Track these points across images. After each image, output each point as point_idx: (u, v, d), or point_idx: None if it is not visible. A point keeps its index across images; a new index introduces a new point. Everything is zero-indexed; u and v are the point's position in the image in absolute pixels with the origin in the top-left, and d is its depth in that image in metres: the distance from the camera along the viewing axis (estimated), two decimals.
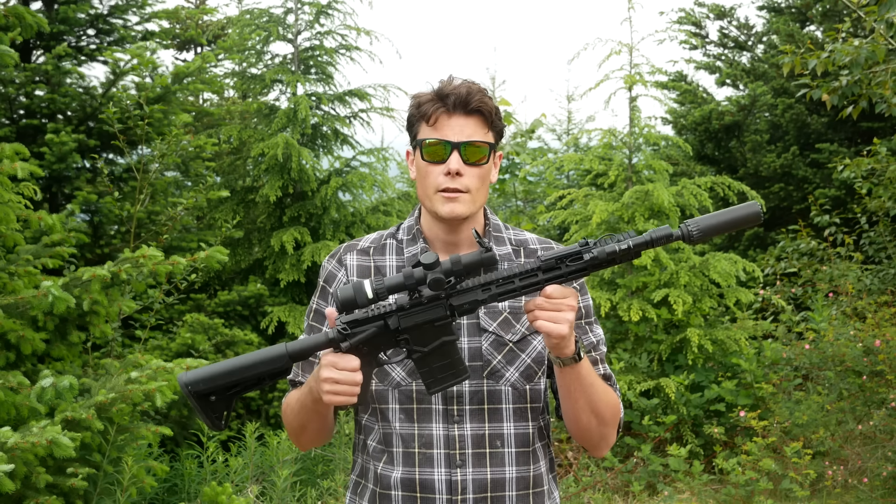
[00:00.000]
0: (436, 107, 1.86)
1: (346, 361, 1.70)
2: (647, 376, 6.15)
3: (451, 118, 1.85)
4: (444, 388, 1.77)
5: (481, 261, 1.70)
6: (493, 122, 1.89)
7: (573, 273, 1.72)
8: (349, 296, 1.68)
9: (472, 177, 1.86)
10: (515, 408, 1.88)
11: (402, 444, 1.86)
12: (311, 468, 5.57)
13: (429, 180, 1.87)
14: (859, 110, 5.64)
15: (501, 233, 1.98)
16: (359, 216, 7.04)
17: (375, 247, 1.98)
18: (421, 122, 1.89)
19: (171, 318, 6.41)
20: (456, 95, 1.85)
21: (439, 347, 1.75)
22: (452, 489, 1.84)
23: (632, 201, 6.30)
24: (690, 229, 1.70)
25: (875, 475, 5.33)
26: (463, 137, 1.85)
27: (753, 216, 1.72)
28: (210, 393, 1.72)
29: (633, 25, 6.67)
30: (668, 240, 1.70)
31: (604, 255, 1.70)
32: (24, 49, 6.63)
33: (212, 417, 1.74)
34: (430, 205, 1.88)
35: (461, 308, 1.74)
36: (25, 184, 4.35)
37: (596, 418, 1.86)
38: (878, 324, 5.98)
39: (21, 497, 3.55)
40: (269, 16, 7.29)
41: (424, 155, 1.87)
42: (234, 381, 1.72)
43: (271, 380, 1.74)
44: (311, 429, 1.91)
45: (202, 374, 1.71)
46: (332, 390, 1.70)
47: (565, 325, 1.68)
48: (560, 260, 1.72)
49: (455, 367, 1.76)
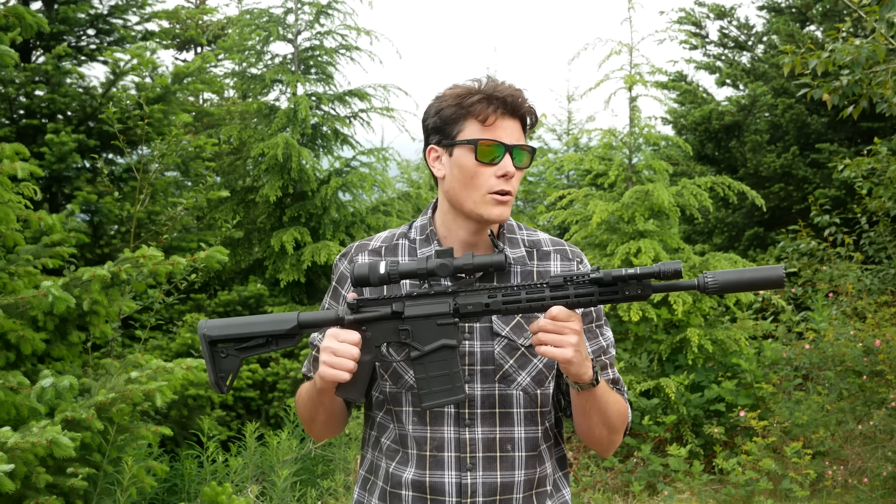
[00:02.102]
0: (492, 107, 1.82)
1: (347, 334, 1.75)
2: (647, 376, 6.15)
3: (505, 120, 1.83)
4: (438, 405, 1.78)
5: (492, 262, 1.73)
6: (532, 128, 1.90)
7: (579, 296, 1.72)
8: (363, 272, 1.75)
9: (517, 180, 1.86)
10: (526, 412, 1.88)
11: (415, 447, 1.87)
12: (311, 468, 5.56)
13: (479, 181, 1.83)
14: (860, 110, 5.64)
15: (515, 234, 1.96)
16: (359, 216, 7.04)
17: (387, 246, 1.97)
18: (467, 120, 1.84)
19: (171, 318, 6.41)
20: (512, 98, 1.83)
21: (438, 351, 1.76)
22: (462, 492, 1.84)
23: (632, 201, 6.30)
24: (707, 281, 1.67)
25: (875, 475, 5.33)
26: (513, 140, 1.83)
27: (776, 280, 1.67)
28: (223, 341, 1.80)
29: (633, 25, 6.67)
30: (677, 276, 1.67)
31: (609, 277, 1.69)
32: (24, 49, 6.63)
33: (217, 373, 1.81)
34: (474, 207, 1.84)
35: (465, 308, 1.75)
36: (25, 184, 4.35)
37: (608, 430, 1.88)
38: (878, 324, 5.98)
39: (21, 497, 3.55)
40: (269, 16, 7.29)
41: (479, 155, 1.82)
42: (246, 335, 1.80)
43: (278, 344, 1.81)
44: (319, 420, 1.95)
45: (219, 322, 1.81)
46: (329, 361, 1.73)
47: (569, 349, 1.68)
48: (567, 280, 1.73)
49: (452, 382, 1.76)
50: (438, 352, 1.76)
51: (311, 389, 1.87)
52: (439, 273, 1.73)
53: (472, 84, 1.86)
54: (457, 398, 1.77)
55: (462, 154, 1.84)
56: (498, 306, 1.74)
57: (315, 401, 1.88)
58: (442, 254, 1.74)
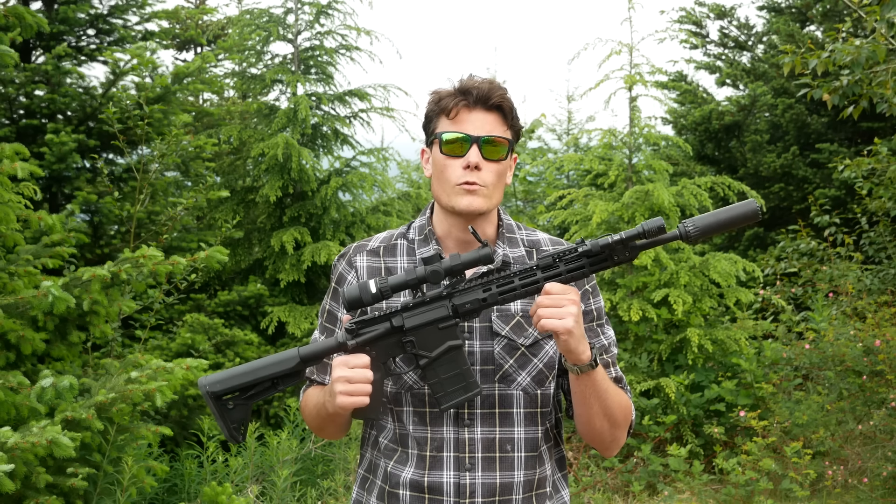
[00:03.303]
0: (457, 100, 1.84)
1: (356, 359, 1.74)
2: (647, 376, 6.15)
3: (472, 112, 1.84)
4: (456, 404, 1.78)
5: (479, 257, 1.72)
6: (512, 120, 1.88)
7: (571, 271, 1.73)
8: (355, 295, 1.73)
9: (490, 172, 1.84)
10: (526, 412, 1.88)
11: (416, 447, 1.87)
12: (311, 468, 5.56)
13: (447, 174, 1.85)
14: (860, 110, 5.64)
15: (514, 233, 1.96)
16: (359, 216, 7.04)
17: (386, 246, 1.97)
18: (440, 117, 1.87)
19: (171, 318, 6.41)
20: (478, 90, 1.84)
21: (446, 354, 1.76)
22: (461, 492, 1.84)
23: (632, 201, 6.30)
24: (688, 229, 1.70)
25: (875, 475, 5.33)
26: (483, 132, 1.83)
27: (751, 213, 1.72)
28: (227, 394, 1.77)
29: (633, 25, 6.67)
30: (660, 231, 1.69)
31: (597, 246, 1.71)
32: (24, 49, 6.63)
33: (230, 426, 1.78)
34: (448, 200, 1.86)
35: (463, 307, 1.75)
36: (25, 184, 4.35)
37: (609, 422, 1.86)
38: (878, 324, 5.98)
39: (21, 497, 3.54)
40: (269, 16, 7.29)
41: (443, 148, 1.84)
42: (250, 383, 1.77)
43: (285, 384, 1.79)
44: (329, 430, 1.96)
45: (219, 376, 1.78)
46: (345, 390, 1.72)
47: (569, 318, 1.68)
48: (556, 258, 1.74)
49: (465, 379, 1.77)
50: (446, 354, 1.76)
51: (322, 408, 1.86)
52: (431, 280, 1.73)
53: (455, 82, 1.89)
54: (474, 393, 1.77)
55: (435, 149, 1.87)
56: (495, 298, 1.74)
57: (325, 418, 1.88)
58: (429, 260, 1.73)
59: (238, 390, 1.77)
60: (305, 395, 1.99)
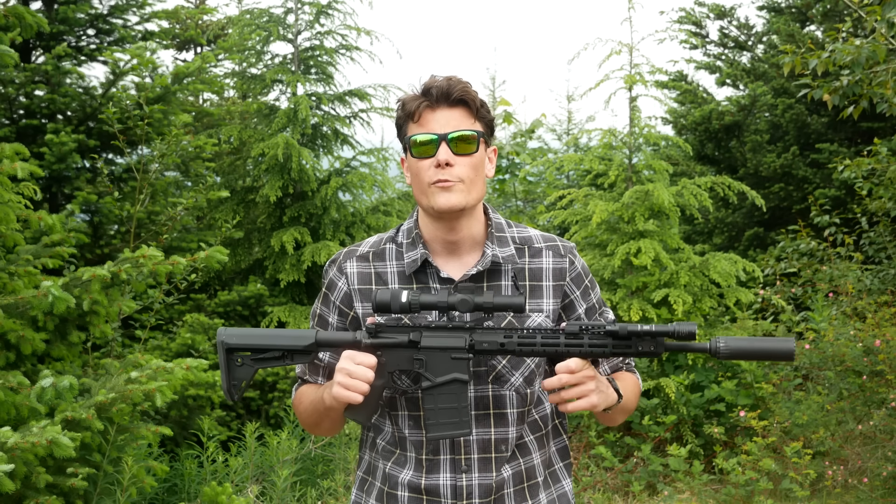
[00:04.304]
0: (418, 103, 1.84)
1: (363, 357, 1.76)
2: (647, 376, 6.15)
3: (436, 112, 1.84)
4: (443, 437, 1.79)
5: (512, 304, 1.74)
6: (479, 112, 1.87)
7: (593, 346, 1.75)
8: (385, 299, 1.76)
9: (464, 167, 1.84)
10: (518, 412, 1.90)
11: (413, 450, 1.88)
12: (311, 468, 5.56)
13: (421, 176, 1.85)
14: (860, 110, 5.63)
15: (504, 232, 1.95)
16: (359, 216, 7.04)
17: (375, 252, 1.96)
18: (408, 123, 1.87)
19: (171, 318, 6.41)
20: (437, 88, 1.83)
21: (449, 384, 1.77)
22: (457, 494, 1.85)
23: (632, 201, 6.30)
24: (720, 346, 1.70)
25: (875, 475, 5.33)
26: (449, 129, 1.83)
27: (787, 353, 1.71)
28: (240, 350, 1.82)
29: (633, 25, 6.67)
30: (691, 337, 1.70)
31: (625, 331, 1.72)
32: (23, 49, 6.63)
33: (230, 381, 1.83)
34: (426, 201, 1.86)
35: (480, 345, 1.77)
36: (25, 184, 4.35)
37: (627, 415, 1.96)
38: (878, 324, 5.98)
39: (21, 497, 3.54)
40: (269, 16, 7.29)
41: (413, 152, 1.85)
42: (264, 346, 1.82)
43: (294, 359, 1.84)
44: (324, 426, 1.97)
45: (238, 331, 1.85)
46: (343, 382, 1.74)
47: (594, 396, 1.74)
48: (583, 328, 1.75)
49: (460, 416, 1.78)
50: (449, 385, 1.78)
51: (318, 402, 1.88)
52: (460, 308, 1.74)
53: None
54: (462, 432, 1.78)
55: (408, 155, 1.88)
56: (513, 347, 1.76)
57: (321, 413, 1.89)
58: (464, 290, 1.76)
59: (251, 350, 1.83)
60: (298, 392, 2.00)
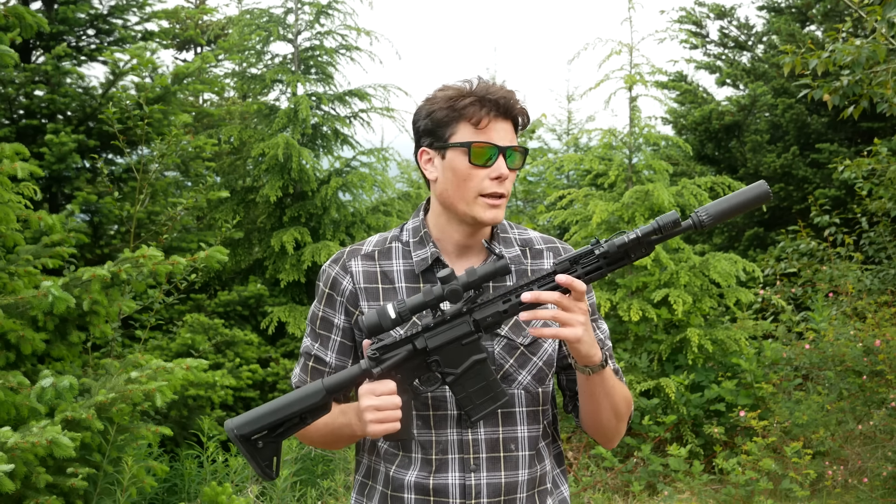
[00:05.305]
0: (485, 110, 1.81)
1: (383, 386, 1.73)
2: (647, 376, 6.15)
3: (497, 122, 1.82)
4: (487, 414, 1.77)
5: (496, 270, 1.71)
6: (523, 128, 1.89)
7: (588, 273, 1.73)
8: (374, 321, 1.71)
9: (510, 182, 1.85)
10: (528, 411, 1.89)
11: (420, 451, 1.86)
12: (311, 468, 5.57)
13: (472, 183, 1.82)
14: (860, 110, 5.63)
15: (508, 233, 1.95)
16: (359, 216, 7.04)
17: (380, 250, 1.93)
18: (460, 122, 1.83)
19: (171, 318, 6.41)
20: (504, 100, 1.82)
21: (471, 368, 1.76)
22: (466, 493, 1.84)
23: (632, 201, 6.30)
24: (701, 217, 1.70)
25: (875, 475, 5.33)
26: (506, 142, 1.83)
27: (763, 195, 1.71)
28: (256, 434, 1.75)
29: (633, 25, 6.67)
30: (675, 225, 1.69)
31: (614, 247, 1.71)
32: (23, 49, 6.63)
33: (261, 465, 1.76)
34: (467, 209, 1.83)
35: (485, 322, 1.75)
36: (25, 184, 4.35)
37: (615, 416, 1.89)
38: (878, 324, 5.98)
39: (21, 497, 3.55)
40: (269, 16, 7.29)
41: (472, 157, 1.81)
42: (277, 421, 1.75)
43: (313, 417, 1.78)
44: (339, 445, 1.94)
45: (246, 417, 1.76)
46: (376, 418, 1.71)
47: (579, 327, 1.70)
48: (574, 261, 1.73)
49: (493, 389, 1.77)
50: (471, 368, 1.76)
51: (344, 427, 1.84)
52: (451, 299, 1.72)
53: (464, 86, 1.85)
54: (502, 402, 1.77)
55: (455, 156, 1.83)
56: (515, 308, 1.74)
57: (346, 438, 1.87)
58: (445, 279, 1.72)
59: (266, 429, 1.76)
60: None
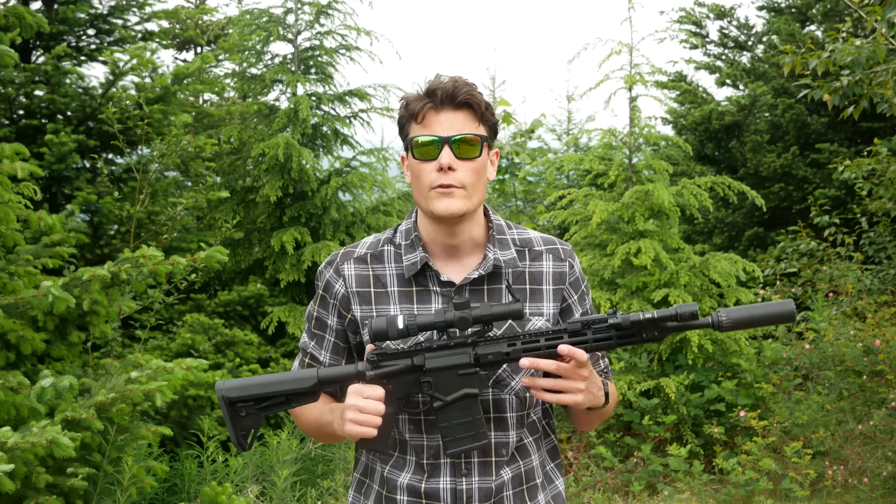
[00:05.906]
0: (423, 104, 1.82)
1: (371, 390, 1.74)
2: (647, 376, 6.15)
3: (440, 113, 1.81)
4: (462, 451, 1.78)
5: (509, 311, 1.72)
6: (484, 115, 1.84)
7: (597, 341, 1.74)
8: (381, 328, 1.73)
9: (466, 171, 1.81)
10: (518, 415, 1.90)
11: (413, 454, 1.87)
12: (311, 468, 5.56)
13: (421, 179, 1.82)
14: (860, 110, 5.63)
15: (504, 234, 1.94)
16: (359, 216, 7.04)
17: (373, 253, 1.93)
18: (411, 122, 1.84)
19: (171, 318, 6.41)
20: (442, 90, 1.81)
21: (461, 400, 1.77)
22: (457, 498, 1.85)
23: (632, 201, 6.30)
24: (721, 319, 1.70)
25: (875, 475, 5.33)
26: (453, 132, 1.80)
27: (787, 315, 1.71)
28: (242, 401, 1.78)
29: (633, 25, 6.67)
30: (693, 317, 1.70)
31: (627, 321, 1.71)
32: (23, 49, 6.63)
33: (238, 433, 1.80)
34: (426, 204, 1.83)
35: (486, 358, 1.76)
36: (25, 184, 4.35)
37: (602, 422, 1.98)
38: (878, 324, 5.98)
39: (21, 497, 3.54)
40: (269, 16, 7.29)
41: (415, 153, 1.82)
42: (265, 395, 1.79)
43: (298, 401, 1.81)
44: (326, 440, 1.97)
45: (237, 383, 1.80)
46: (355, 419, 1.73)
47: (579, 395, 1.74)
48: (586, 325, 1.74)
49: (476, 428, 1.77)
50: (461, 400, 1.77)
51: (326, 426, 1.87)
52: (459, 326, 1.73)
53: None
54: (480, 444, 1.78)
55: (410, 156, 1.85)
56: (518, 354, 1.75)
57: (328, 435, 1.89)
58: (460, 306, 1.73)
59: (253, 400, 1.79)
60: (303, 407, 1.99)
